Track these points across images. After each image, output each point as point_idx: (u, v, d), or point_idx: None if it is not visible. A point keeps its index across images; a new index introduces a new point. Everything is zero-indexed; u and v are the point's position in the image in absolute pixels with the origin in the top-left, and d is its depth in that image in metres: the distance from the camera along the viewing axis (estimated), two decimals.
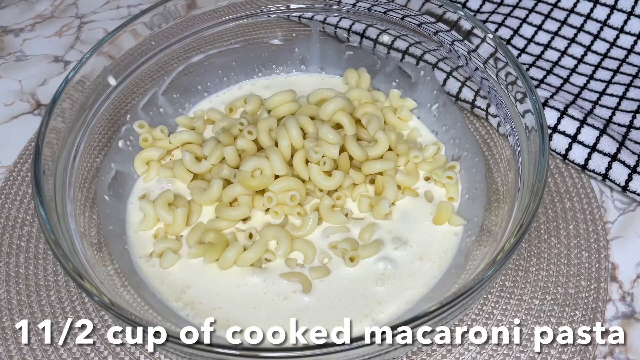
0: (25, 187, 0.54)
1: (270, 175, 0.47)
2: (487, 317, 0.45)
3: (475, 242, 0.45)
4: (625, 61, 0.60)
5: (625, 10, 0.62)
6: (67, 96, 0.44)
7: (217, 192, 0.47)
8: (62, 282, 0.48)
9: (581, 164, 0.52)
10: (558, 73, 0.59)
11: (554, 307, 0.45)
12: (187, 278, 0.45)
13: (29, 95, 0.63)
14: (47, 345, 0.45)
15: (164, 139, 0.52)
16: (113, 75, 0.49)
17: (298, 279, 0.44)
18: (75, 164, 0.45)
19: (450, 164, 0.51)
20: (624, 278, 0.47)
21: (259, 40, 0.56)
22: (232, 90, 0.57)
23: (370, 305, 0.43)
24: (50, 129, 0.42)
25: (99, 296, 0.35)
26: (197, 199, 0.48)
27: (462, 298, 0.34)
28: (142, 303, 0.42)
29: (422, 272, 0.45)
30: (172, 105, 0.55)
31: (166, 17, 0.51)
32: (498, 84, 0.46)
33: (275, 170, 0.47)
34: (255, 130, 0.49)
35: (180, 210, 0.47)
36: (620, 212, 0.51)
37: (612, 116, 0.55)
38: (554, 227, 0.49)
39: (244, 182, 0.47)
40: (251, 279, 0.45)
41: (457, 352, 0.44)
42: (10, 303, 0.47)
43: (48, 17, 0.71)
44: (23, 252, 0.50)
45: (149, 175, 0.51)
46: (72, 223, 0.42)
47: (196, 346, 0.33)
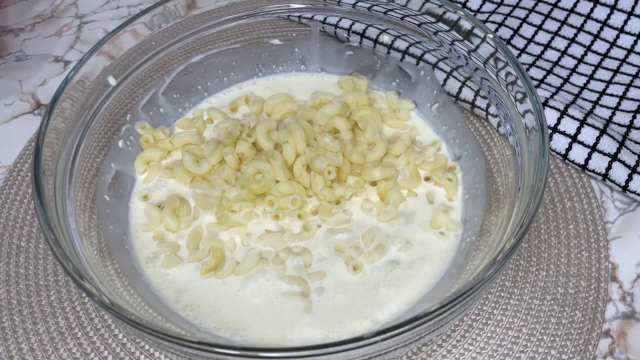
0: (25, 187, 0.54)
1: (272, 178, 0.47)
2: (487, 317, 0.45)
3: (475, 242, 0.45)
4: (625, 61, 0.60)
5: (625, 10, 0.62)
6: (67, 96, 0.44)
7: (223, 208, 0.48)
8: (62, 282, 0.48)
9: (581, 164, 0.52)
10: (558, 73, 0.59)
11: (554, 307, 0.45)
12: (186, 280, 0.45)
13: (29, 95, 0.63)
14: (47, 345, 0.45)
15: (165, 140, 0.52)
16: (113, 75, 0.49)
17: (298, 283, 0.44)
18: (75, 164, 0.45)
19: (450, 164, 0.51)
20: (624, 278, 0.47)
21: (259, 40, 0.56)
22: (232, 90, 0.57)
23: (371, 306, 0.43)
24: (50, 128, 0.42)
25: (98, 296, 0.35)
26: (201, 206, 0.48)
27: (462, 298, 0.34)
28: (142, 303, 0.42)
29: (422, 273, 0.45)
30: (172, 105, 0.55)
31: (166, 17, 0.51)
32: (498, 84, 0.46)
33: (278, 176, 0.47)
34: (254, 133, 0.50)
35: (185, 218, 0.48)
36: (620, 212, 0.51)
37: (612, 116, 0.55)
38: (554, 227, 0.49)
39: (246, 185, 0.47)
40: (251, 284, 0.45)
41: (457, 352, 0.44)
42: (10, 303, 0.47)
43: (48, 17, 0.71)
44: (23, 252, 0.50)
45: (149, 176, 0.51)
46: (72, 223, 0.41)
47: (196, 346, 0.33)
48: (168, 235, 0.48)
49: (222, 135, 0.51)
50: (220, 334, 0.43)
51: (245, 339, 0.42)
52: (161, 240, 0.47)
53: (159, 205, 0.49)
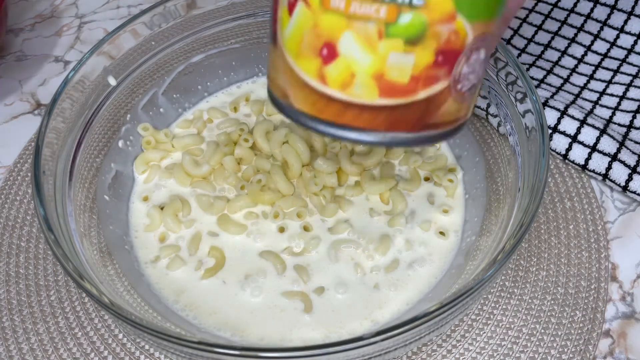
0: (25, 187, 0.54)
1: (276, 189, 0.48)
2: (487, 317, 0.45)
3: (475, 242, 0.45)
4: (625, 61, 0.60)
5: (625, 10, 0.62)
6: (67, 96, 0.44)
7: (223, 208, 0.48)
8: (62, 282, 0.48)
9: (581, 164, 0.52)
10: (558, 73, 0.59)
11: (554, 307, 0.45)
12: (186, 280, 0.45)
13: (29, 95, 0.63)
14: (48, 345, 0.45)
15: (166, 142, 0.52)
16: (113, 75, 0.49)
17: (298, 283, 0.44)
18: (75, 164, 0.45)
19: (450, 166, 0.51)
20: (624, 278, 0.47)
21: (259, 39, 0.56)
22: (232, 90, 0.57)
23: (371, 306, 0.43)
24: (50, 128, 0.42)
25: (98, 296, 0.35)
26: (201, 207, 0.49)
27: (462, 298, 0.34)
28: (142, 303, 0.42)
29: (422, 273, 0.45)
30: (172, 105, 0.55)
31: (166, 17, 0.51)
32: (498, 84, 0.46)
33: (282, 190, 0.48)
34: (252, 137, 0.50)
35: (186, 219, 0.48)
36: (620, 212, 0.51)
37: (613, 116, 0.55)
38: (554, 227, 0.49)
39: (254, 196, 0.48)
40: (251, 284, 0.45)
41: (457, 352, 0.44)
42: (10, 303, 0.47)
43: (48, 16, 0.71)
44: (23, 252, 0.49)
45: (149, 176, 0.51)
46: (72, 223, 0.41)
47: (196, 346, 0.33)
48: (169, 237, 0.48)
49: (222, 138, 0.51)
50: (220, 334, 0.43)
51: (245, 339, 0.42)
52: (163, 243, 0.47)
53: (160, 207, 0.49)
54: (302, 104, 0.30)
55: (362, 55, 0.27)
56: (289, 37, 0.29)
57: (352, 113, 0.29)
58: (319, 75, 0.28)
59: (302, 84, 0.29)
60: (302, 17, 0.28)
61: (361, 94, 0.28)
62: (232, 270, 0.45)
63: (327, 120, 0.29)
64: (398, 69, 0.27)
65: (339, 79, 0.28)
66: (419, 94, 0.28)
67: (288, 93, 0.30)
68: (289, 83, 0.30)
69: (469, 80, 0.29)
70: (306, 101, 0.29)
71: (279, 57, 0.30)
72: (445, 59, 0.27)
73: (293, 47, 0.29)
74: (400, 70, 0.27)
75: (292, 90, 0.30)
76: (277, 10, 0.29)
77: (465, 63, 0.28)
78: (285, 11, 0.28)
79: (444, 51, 0.27)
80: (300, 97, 0.29)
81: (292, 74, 0.29)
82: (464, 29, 0.27)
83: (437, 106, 0.29)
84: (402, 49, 0.26)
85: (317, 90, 0.29)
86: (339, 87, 0.28)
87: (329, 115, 0.29)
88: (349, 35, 0.27)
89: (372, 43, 0.26)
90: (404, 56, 0.27)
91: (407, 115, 0.28)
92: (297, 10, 0.28)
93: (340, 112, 0.29)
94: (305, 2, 0.27)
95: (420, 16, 0.26)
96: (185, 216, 0.48)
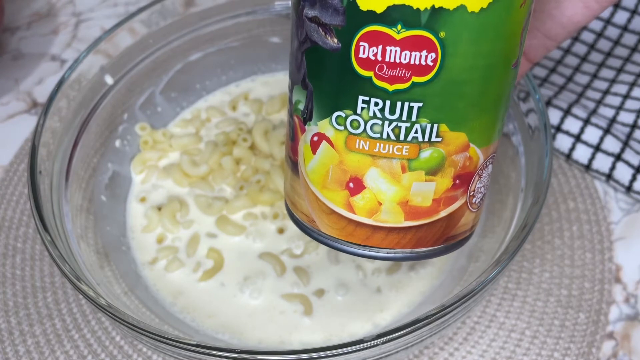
0: (21, 188, 0.53)
1: (276, 189, 0.48)
2: (489, 319, 0.45)
3: (477, 243, 0.44)
4: (629, 60, 0.59)
5: (629, 8, 0.62)
6: (64, 95, 0.44)
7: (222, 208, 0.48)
8: (59, 284, 0.47)
9: (585, 163, 0.51)
10: (562, 72, 0.59)
11: (558, 309, 0.45)
12: (184, 282, 0.45)
13: (25, 94, 0.62)
14: (44, 347, 0.44)
15: (164, 142, 0.52)
16: (110, 74, 0.48)
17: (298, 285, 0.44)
18: (71, 164, 0.44)
19: None
20: (628, 280, 0.47)
21: (258, 38, 0.56)
22: (230, 88, 0.57)
23: (372, 309, 0.43)
24: (47, 128, 0.42)
25: (95, 298, 0.35)
26: (200, 208, 0.48)
27: (464, 300, 0.33)
28: (140, 305, 0.42)
29: (424, 275, 0.45)
30: (170, 104, 0.55)
31: (164, 15, 0.50)
32: None
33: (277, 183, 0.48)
34: (251, 137, 0.50)
35: (183, 220, 0.48)
36: (624, 213, 0.51)
37: (616, 115, 0.54)
38: (557, 227, 0.49)
39: (253, 196, 0.47)
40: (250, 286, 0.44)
41: (459, 355, 0.43)
42: (6, 305, 0.46)
43: (44, 15, 0.70)
44: (19, 253, 0.49)
45: (146, 177, 0.51)
46: (69, 224, 0.41)
47: (194, 349, 0.32)
48: (167, 238, 0.47)
49: (220, 137, 0.51)
50: (219, 337, 0.42)
51: (243, 342, 0.42)
52: (161, 244, 0.47)
53: (158, 208, 0.48)
54: (330, 229, 0.32)
55: (387, 187, 0.29)
56: (312, 170, 0.30)
57: (379, 235, 0.31)
58: (346, 205, 0.30)
59: (330, 211, 0.31)
60: (327, 156, 0.29)
61: (388, 219, 0.30)
62: (230, 272, 0.45)
63: (356, 243, 0.31)
64: (421, 195, 0.29)
65: (366, 207, 0.30)
66: (441, 213, 0.30)
67: (314, 218, 0.32)
68: (314, 210, 0.32)
69: (481, 192, 0.32)
70: (334, 227, 0.31)
71: (302, 186, 0.32)
72: (462, 181, 0.30)
73: (318, 179, 0.30)
74: (423, 197, 0.29)
75: (318, 216, 0.32)
76: (297, 142, 0.31)
77: (478, 180, 0.31)
78: (308, 148, 0.30)
79: (460, 175, 0.30)
80: (328, 222, 0.31)
81: (318, 202, 0.31)
82: (476, 154, 0.30)
83: (457, 220, 0.31)
84: (423, 179, 0.29)
85: (345, 217, 0.30)
86: (367, 215, 0.30)
87: (357, 239, 0.31)
88: (374, 171, 0.29)
89: (396, 176, 0.29)
90: (426, 185, 0.29)
91: (430, 232, 0.31)
92: (322, 149, 0.30)
93: (369, 235, 0.31)
94: (330, 143, 0.29)
95: (438, 151, 0.28)
96: (184, 217, 0.48)
